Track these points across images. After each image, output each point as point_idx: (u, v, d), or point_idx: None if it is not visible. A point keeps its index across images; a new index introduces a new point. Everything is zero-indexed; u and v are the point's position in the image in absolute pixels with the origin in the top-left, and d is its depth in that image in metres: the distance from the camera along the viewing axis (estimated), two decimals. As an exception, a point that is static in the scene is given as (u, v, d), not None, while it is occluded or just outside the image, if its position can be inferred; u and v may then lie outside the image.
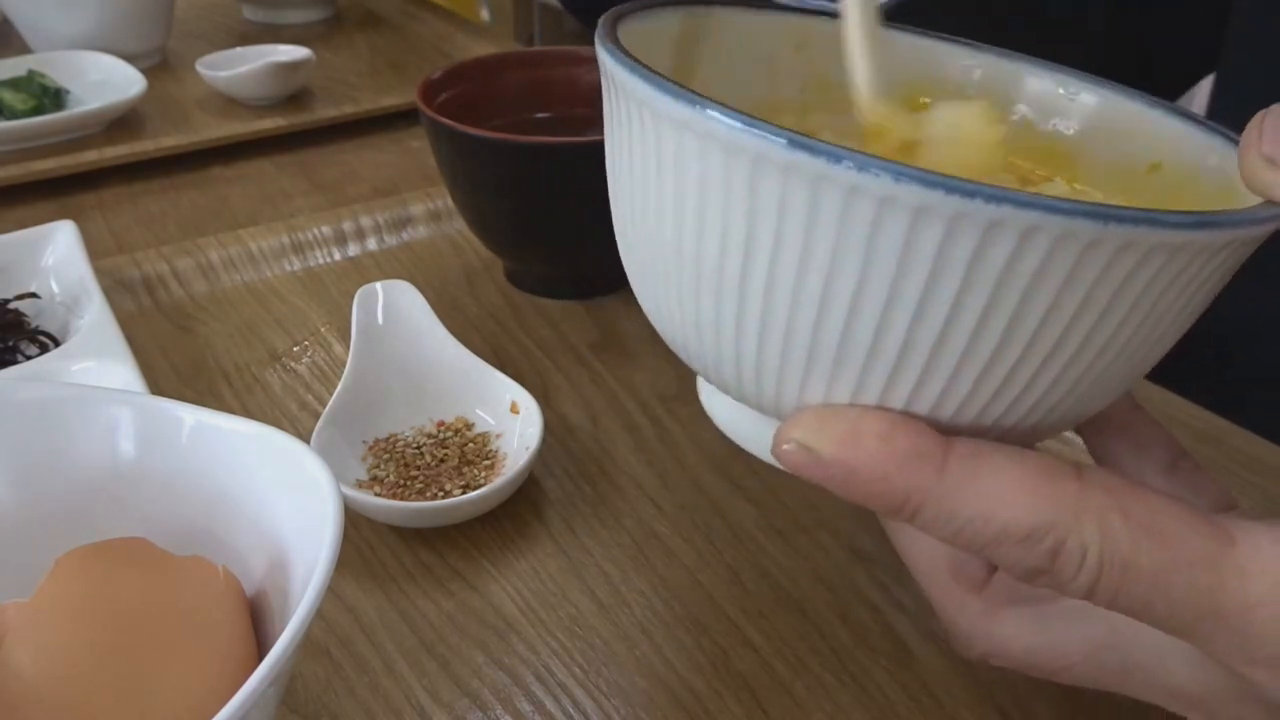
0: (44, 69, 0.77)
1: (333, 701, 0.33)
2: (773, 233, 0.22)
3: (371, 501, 0.38)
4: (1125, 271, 0.21)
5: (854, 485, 0.23)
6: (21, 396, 0.30)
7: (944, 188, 0.19)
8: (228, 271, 0.57)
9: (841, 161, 0.20)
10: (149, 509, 0.30)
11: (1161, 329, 0.23)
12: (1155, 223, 0.20)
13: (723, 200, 0.22)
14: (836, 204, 0.20)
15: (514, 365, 0.49)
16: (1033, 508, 0.22)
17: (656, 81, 0.22)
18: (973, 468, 0.22)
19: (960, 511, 0.22)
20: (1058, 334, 0.22)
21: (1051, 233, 0.20)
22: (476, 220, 0.54)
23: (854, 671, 0.34)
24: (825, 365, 0.23)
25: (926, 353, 0.22)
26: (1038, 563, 0.22)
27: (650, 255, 0.26)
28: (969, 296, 0.21)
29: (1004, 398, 0.23)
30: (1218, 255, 0.22)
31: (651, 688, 0.34)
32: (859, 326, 0.22)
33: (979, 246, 0.20)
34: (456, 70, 0.55)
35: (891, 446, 0.22)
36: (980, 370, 0.22)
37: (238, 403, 0.47)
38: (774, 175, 0.21)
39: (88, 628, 0.25)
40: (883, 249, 0.21)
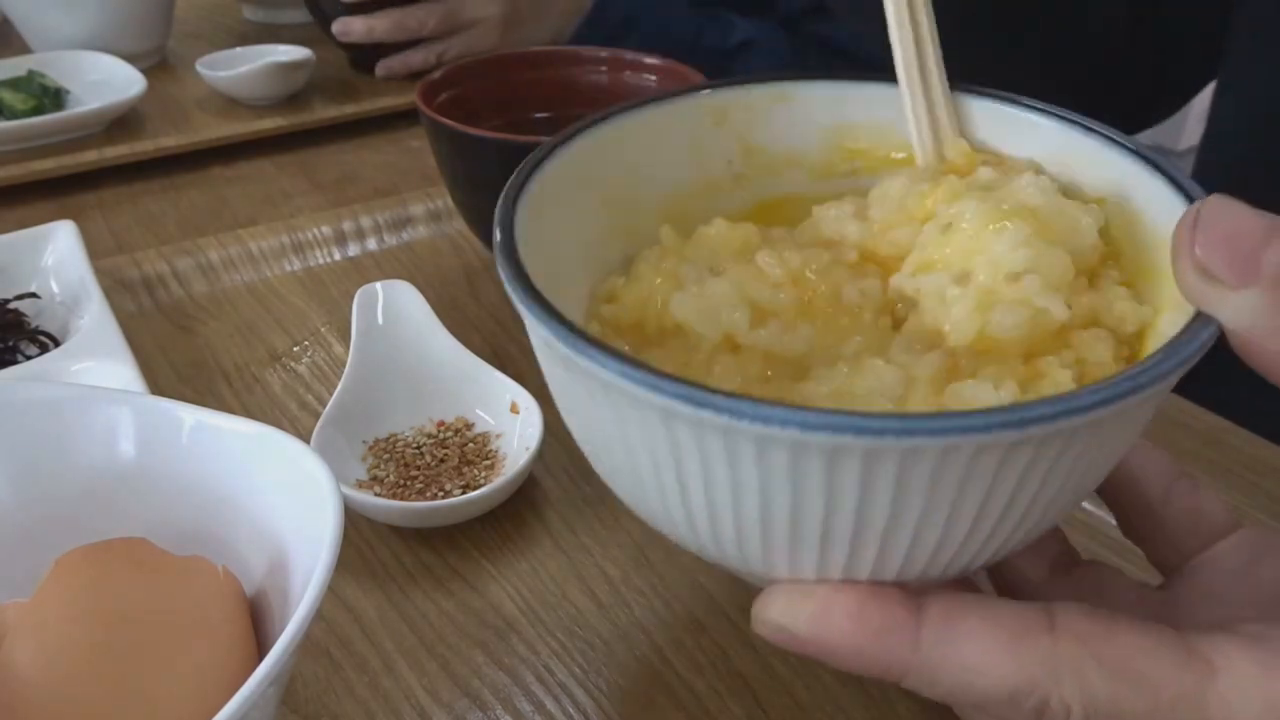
0: (44, 69, 0.77)
1: (333, 701, 0.33)
2: (699, 472, 0.22)
3: (371, 501, 0.38)
4: (1055, 451, 0.21)
5: (833, 660, 0.23)
6: (21, 396, 0.30)
7: (852, 430, 0.20)
8: (228, 271, 0.57)
9: (744, 418, 0.20)
10: (149, 509, 0.30)
11: (1111, 457, 0.24)
12: (1075, 411, 0.20)
13: (646, 439, 0.23)
14: (750, 451, 0.21)
15: (514, 365, 0.49)
16: (1011, 671, 0.22)
17: (554, 327, 0.22)
18: (946, 636, 0.22)
19: (941, 680, 0.23)
20: (1001, 508, 0.22)
21: (969, 449, 0.20)
22: (476, 220, 0.54)
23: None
24: (782, 557, 0.23)
25: (876, 545, 0.22)
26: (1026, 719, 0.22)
27: (598, 456, 0.27)
28: (904, 506, 0.21)
29: (962, 558, 0.24)
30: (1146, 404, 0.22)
31: (651, 688, 0.34)
32: (804, 534, 0.22)
33: (900, 469, 0.20)
34: (456, 70, 0.55)
35: (863, 624, 0.23)
36: (933, 549, 0.23)
37: (238, 403, 0.47)
38: (686, 426, 0.21)
39: (88, 628, 0.25)
40: (807, 482, 0.21)
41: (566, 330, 0.22)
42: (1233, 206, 0.22)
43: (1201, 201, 0.23)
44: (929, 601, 0.23)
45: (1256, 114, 0.53)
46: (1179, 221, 0.23)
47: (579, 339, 0.22)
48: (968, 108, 0.32)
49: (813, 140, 0.33)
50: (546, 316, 0.22)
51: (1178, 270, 0.23)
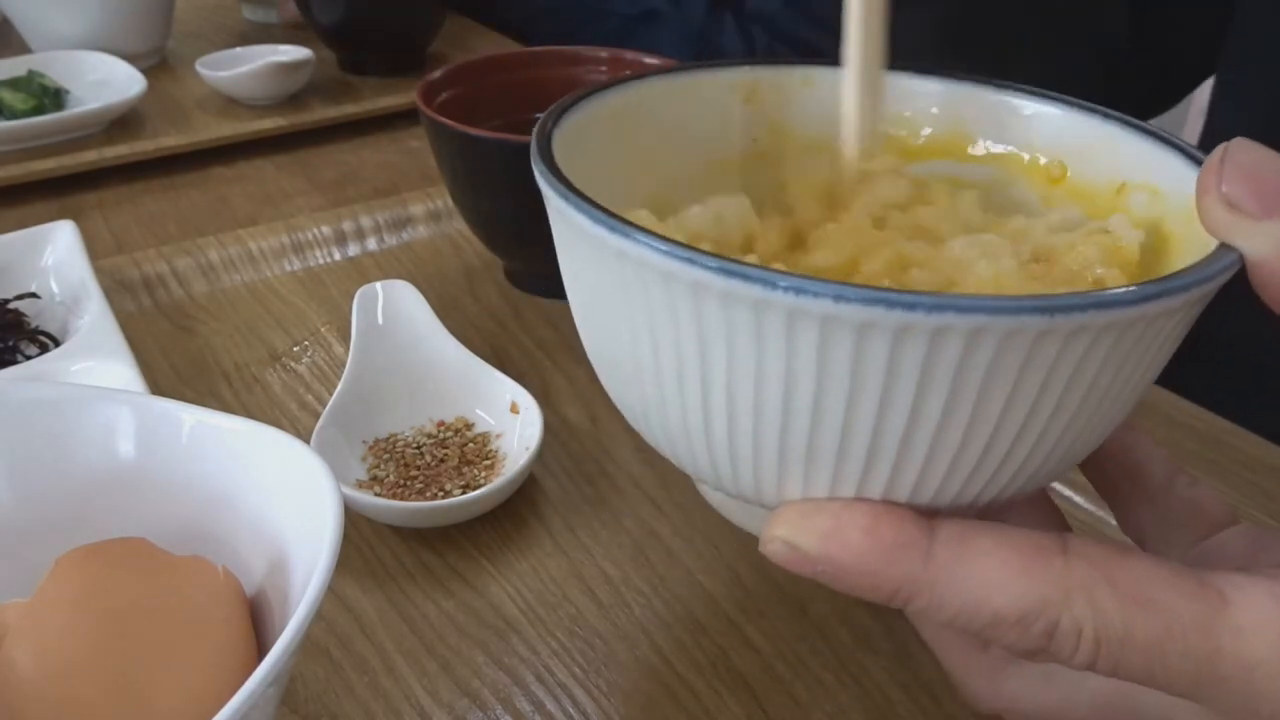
0: (44, 69, 0.77)
1: (333, 701, 0.33)
2: (724, 354, 0.22)
3: (371, 501, 0.38)
4: (1080, 353, 0.21)
5: (842, 580, 0.23)
6: (21, 396, 0.30)
7: (884, 303, 0.19)
8: (228, 271, 0.57)
9: (778, 287, 0.20)
10: (149, 509, 0.30)
11: (1128, 389, 0.23)
12: (1103, 304, 0.20)
13: (670, 324, 0.22)
14: (779, 327, 0.21)
15: (514, 365, 0.49)
16: (1022, 591, 0.22)
17: (591, 212, 0.22)
18: (959, 553, 0.22)
19: (951, 600, 0.22)
20: (1022, 418, 0.22)
21: (999, 331, 0.20)
22: (476, 220, 0.54)
23: (854, 671, 0.34)
24: (798, 466, 0.23)
25: (895, 450, 0.22)
26: (1034, 644, 0.22)
27: (616, 368, 0.26)
28: (927, 398, 0.21)
29: (979, 478, 0.23)
30: (1175, 315, 0.22)
31: (651, 688, 0.34)
32: (823, 432, 0.22)
33: (928, 353, 0.20)
34: (456, 70, 0.55)
35: (876, 539, 0.22)
36: (951, 459, 0.22)
37: (238, 403, 0.47)
38: (714, 301, 0.21)
39: (87, 628, 0.25)
40: (833, 365, 0.21)
41: (598, 209, 0.22)
42: (1257, 147, 0.23)
43: (1227, 143, 0.23)
44: (942, 522, 0.23)
45: (1256, 113, 0.53)
46: (1206, 161, 0.23)
47: (612, 217, 0.22)
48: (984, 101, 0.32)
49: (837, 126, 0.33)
50: (575, 195, 0.23)
51: (1203, 205, 0.23)
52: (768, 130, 0.33)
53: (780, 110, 0.33)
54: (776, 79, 0.33)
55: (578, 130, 0.28)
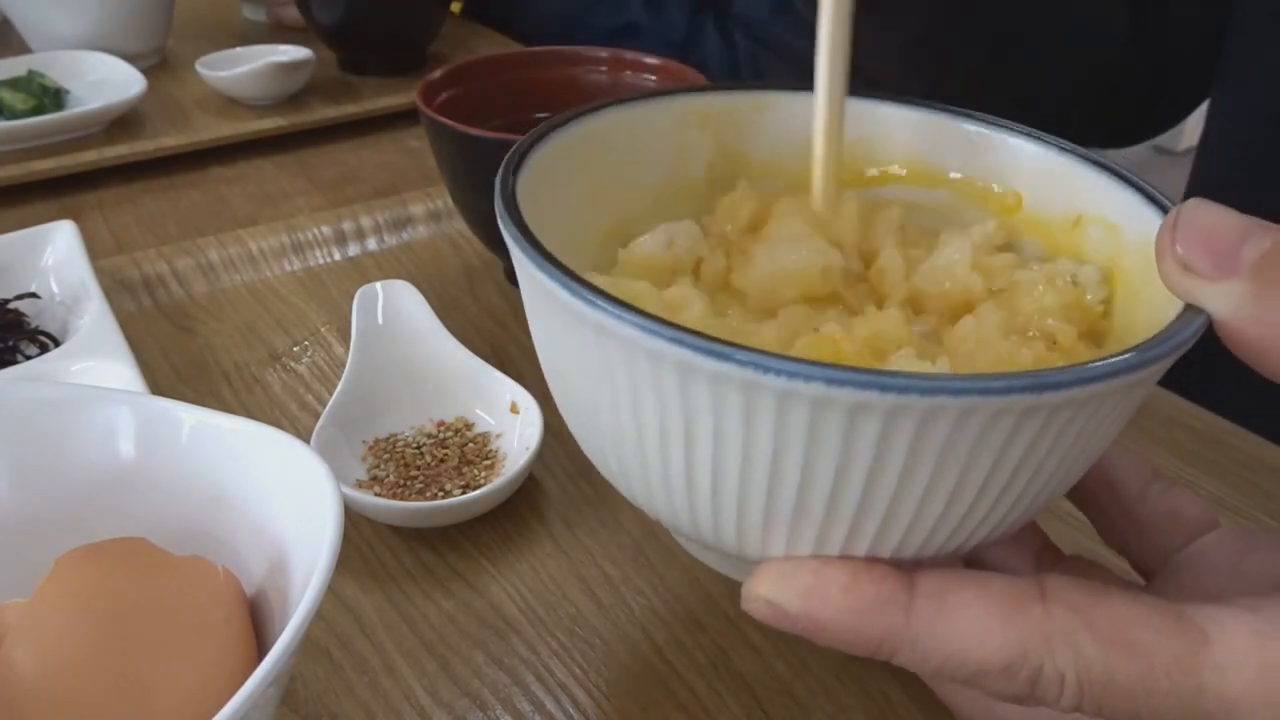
0: (44, 69, 0.77)
1: (333, 701, 0.33)
2: (710, 430, 0.22)
3: (371, 501, 0.38)
4: (1063, 422, 0.21)
5: (824, 637, 0.23)
6: (21, 396, 0.30)
7: (878, 387, 0.20)
8: (228, 271, 0.57)
9: (770, 371, 0.20)
10: (149, 509, 0.30)
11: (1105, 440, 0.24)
12: (1089, 379, 0.20)
13: (654, 399, 0.22)
14: (770, 407, 0.21)
15: (514, 365, 0.49)
16: (1004, 642, 0.22)
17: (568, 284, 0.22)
18: (939, 607, 0.22)
19: (934, 653, 0.22)
20: (1004, 481, 0.22)
21: (988, 410, 0.20)
22: (476, 220, 0.54)
23: (854, 671, 0.34)
24: (781, 528, 0.23)
25: (880, 515, 0.22)
26: (1020, 690, 0.22)
27: (592, 432, 0.26)
28: (915, 470, 0.21)
29: (961, 534, 0.24)
30: (1153, 378, 0.22)
31: (651, 688, 0.34)
32: (811, 500, 0.22)
33: (918, 431, 0.21)
34: (456, 70, 0.55)
35: (856, 596, 0.23)
36: (935, 521, 0.23)
37: (238, 403, 0.47)
38: (702, 382, 0.21)
39: (87, 628, 0.25)
40: (823, 442, 0.21)
41: (578, 283, 0.22)
42: (1210, 207, 0.23)
43: (1181, 205, 0.24)
44: (921, 576, 0.23)
45: (1256, 114, 0.53)
46: (1161, 225, 0.24)
47: (594, 292, 0.22)
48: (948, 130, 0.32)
49: (793, 150, 0.33)
50: (555, 270, 0.22)
51: (1162, 269, 0.24)
52: (721, 156, 0.34)
53: (733, 136, 0.34)
54: (729, 104, 0.33)
55: (540, 168, 0.28)
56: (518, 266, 0.25)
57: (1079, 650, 0.22)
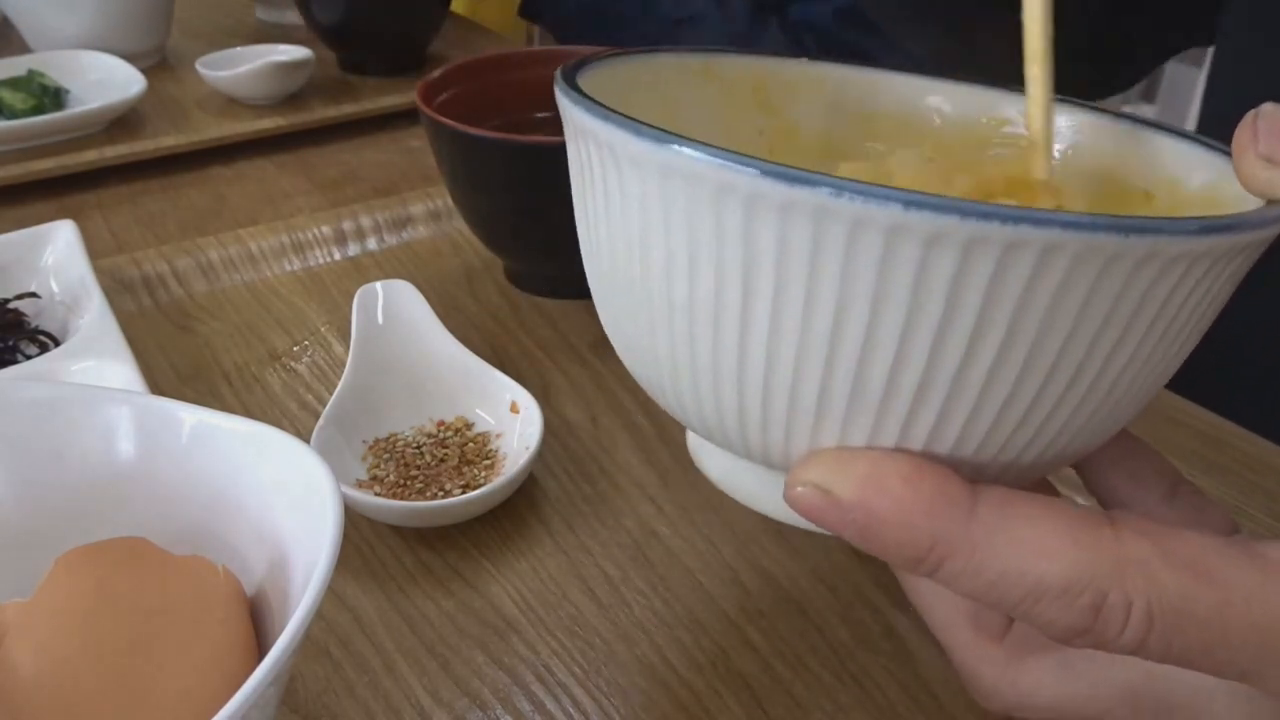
0: (44, 69, 0.77)
1: (333, 701, 0.33)
2: (772, 276, 0.21)
3: (371, 501, 0.38)
4: (1145, 285, 0.20)
5: (875, 533, 0.21)
6: (21, 396, 0.30)
7: (959, 212, 0.18)
8: (228, 271, 0.57)
9: (845, 193, 0.19)
10: (149, 509, 0.30)
11: (1179, 342, 0.22)
12: (1176, 231, 0.19)
13: (715, 246, 0.21)
14: (841, 239, 0.19)
15: (514, 365, 0.49)
16: (1071, 560, 0.20)
17: (631, 126, 0.21)
18: (1004, 513, 0.21)
19: (991, 564, 0.20)
20: (1080, 357, 0.21)
21: (1071, 249, 0.19)
22: (476, 220, 0.54)
23: (854, 671, 0.34)
24: (838, 410, 0.22)
25: (946, 389, 0.21)
26: (1076, 620, 0.20)
27: (634, 308, 0.25)
28: (989, 325, 0.20)
29: (1027, 429, 0.22)
30: (1234, 260, 0.21)
31: (651, 688, 0.34)
32: (873, 367, 0.21)
33: (996, 271, 0.19)
34: (456, 70, 0.55)
35: (917, 489, 0.21)
36: (1002, 403, 0.21)
37: (238, 403, 0.47)
38: (770, 215, 0.20)
39: (87, 627, 0.25)
40: (894, 283, 0.20)
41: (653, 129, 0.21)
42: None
43: (1258, 108, 0.23)
44: (986, 486, 0.21)
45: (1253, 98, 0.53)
46: (1239, 128, 0.23)
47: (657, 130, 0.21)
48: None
49: (844, 125, 0.33)
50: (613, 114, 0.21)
51: (1242, 168, 0.23)
52: (775, 126, 0.33)
53: (786, 105, 0.33)
54: (783, 74, 0.32)
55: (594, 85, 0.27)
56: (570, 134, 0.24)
57: (1152, 576, 0.20)
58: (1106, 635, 0.20)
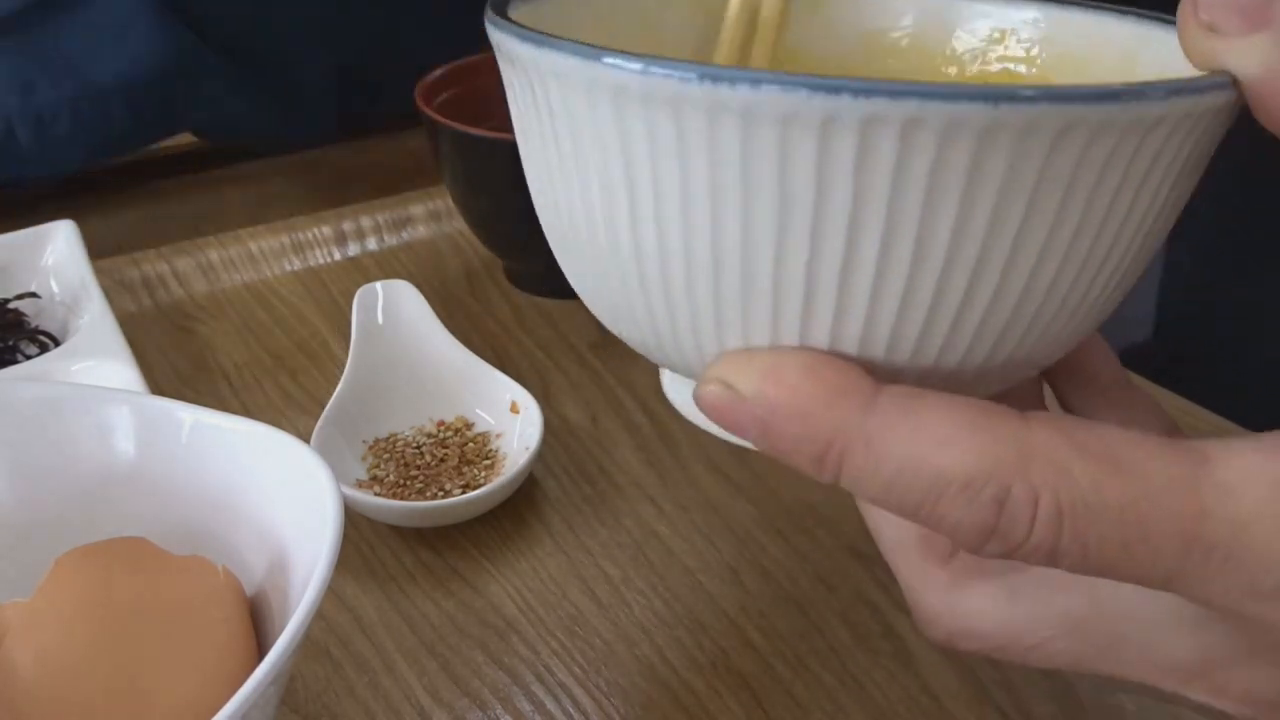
0: None
1: (333, 701, 0.33)
2: (648, 172, 0.20)
3: (371, 501, 0.38)
4: (1037, 162, 0.18)
5: (774, 427, 0.20)
6: (21, 396, 0.30)
7: (807, 87, 0.17)
8: (228, 271, 0.57)
9: (691, 79, 0.18)
10: (149, 509, 0.30)
11: (1109, 238, 0.20)
12: (1059, 99, 0.17)
13: (597, 147, 0.20)
14: (700, 126, 0.18)
15: (514, 365, 0.49)
16: (972, 448, 0.19)
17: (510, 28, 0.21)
18: (905, 405, 0.19)
19: (889, 457, 0.19)
20: (977, 247, 0.19)
21: (938, 124, 0.17)
22: (476, 220, 0.54)
23: (854, 671, 0.34)
24: (734, 311, 0.21)
25: (835, 281, 0.20)
26: (979, 517, 0.19)
27: (565, 233, 0.24)
28: (864, 213, 0.19)
29: (935, 328, 0.20)
30: (1154, 135, 0.19)
31: (651, 688, 0.34)
32: (756, 262, 0.20)
33: (858, 152, 0.18)
34: (456, 70, 0.55)
35: (816, 379, 0.20)
36: (899, 298, 0.20)
37: (238, 403, 0.47)
38: (633, 106, 0.19)
39: (87, 628, 0.25)
40: (757, 170, 0.19)
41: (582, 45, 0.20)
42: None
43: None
44: (892, 385, 0.20)
45: None
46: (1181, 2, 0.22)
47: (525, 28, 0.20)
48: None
49: (854, 45, 0.31)
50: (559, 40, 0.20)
51: (1184, 39, 0.21)
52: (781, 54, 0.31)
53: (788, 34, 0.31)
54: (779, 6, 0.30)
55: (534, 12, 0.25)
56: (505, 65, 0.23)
57: (1060, 465, 0.18)
58: (1014, 535, 0.19)
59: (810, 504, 0.41)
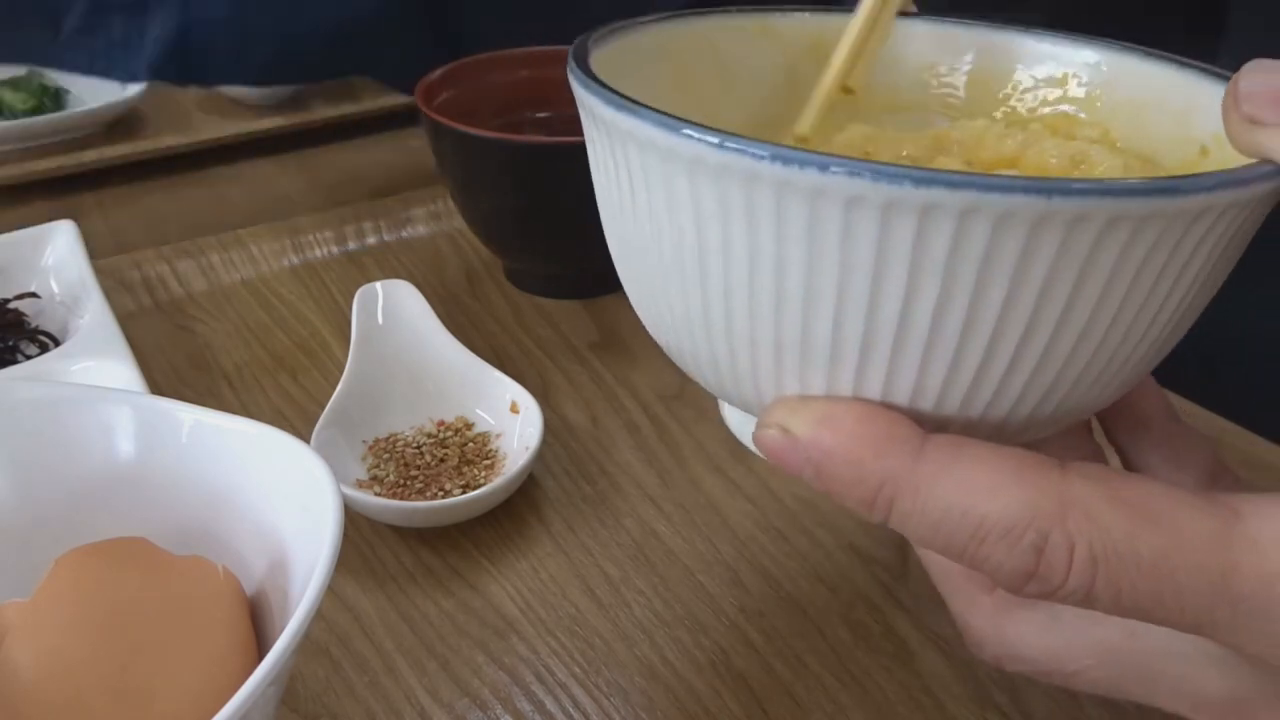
0: (44, 69, 0.77)
1: (333, 701, 0.33)
2: (718, 234, 0.21)
3: (371, 501, 0.38)
4: (1085, 249, 0.19)
5: (828, 470, 0.21)
6: (21, 396, 0.30)
7: (871, 173, 0.19)
8: (228, 271, 0.57)
9: (764, 158, 0.19)
10: (149, 509, 0.30)
11: (1152, 312, 0.22)
12: (1108, 192, 0.18)
13: (671, 207, 0.22)
14: (769, 203, 0.20)
15: (514, 365, 0.49)
16: (1014, 498, 0.20)
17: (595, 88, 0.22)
18: (951, 455, 0.21)
19: (935, 503, 0.20)
20: (1026, 318, 0.20)
21: (992, 213, 0.19)
22: (476, 220, 0.54)
23: (854, 671, 0.34)
24: (793, 362, 0.22)
25: (889, 344, 0.21)
26: (1020, 562, 0.20)
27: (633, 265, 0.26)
28: (919, 285, 0.20)
29: (984, 386, 0.22)
30: (1200, 223, 0.20)
31: (651, 688, 0.34)
32: (816, 321, 0.21)
33: (917, 234, 0.19)
34: (456, 70, 0.55)
35: (868, 426, 0.21)
36: (950, 359, 0.21)
37: (238, 403, 0.47)
38: (707, 176, 0.21)
39: (88, 628, 0.25)
40: (822, 243, 0.20)
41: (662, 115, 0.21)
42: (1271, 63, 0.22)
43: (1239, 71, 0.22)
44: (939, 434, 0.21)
45: None
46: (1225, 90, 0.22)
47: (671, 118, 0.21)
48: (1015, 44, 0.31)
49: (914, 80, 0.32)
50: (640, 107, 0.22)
51: (1229, 129, 0.22)
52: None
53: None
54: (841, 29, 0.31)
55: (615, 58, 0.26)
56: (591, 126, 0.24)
57: (1095, 517, 0.20)
58: (1053, 580, 0.20)
59: (810, 504, 0.41)
